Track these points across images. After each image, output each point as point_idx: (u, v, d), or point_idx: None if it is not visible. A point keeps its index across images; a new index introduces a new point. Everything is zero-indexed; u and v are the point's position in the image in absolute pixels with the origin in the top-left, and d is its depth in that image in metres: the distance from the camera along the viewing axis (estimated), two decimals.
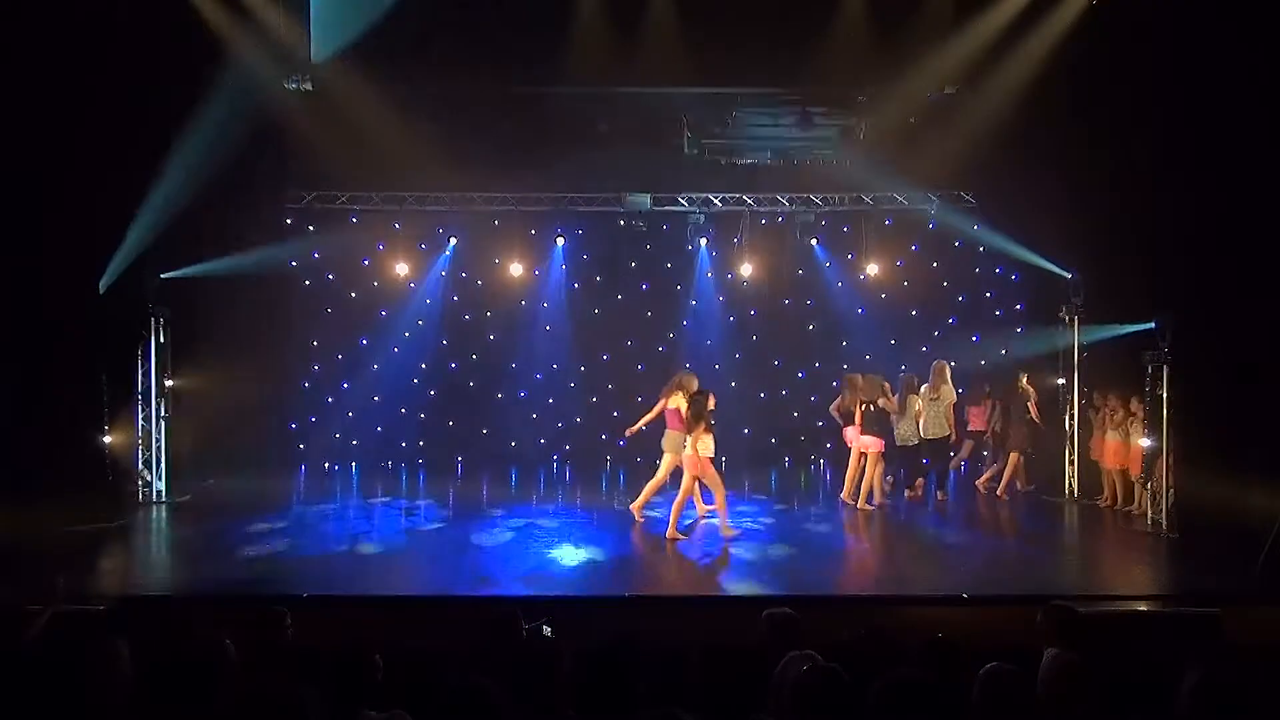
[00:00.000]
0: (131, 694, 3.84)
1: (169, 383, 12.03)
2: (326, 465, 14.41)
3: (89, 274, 10.59)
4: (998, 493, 12.36)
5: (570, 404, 15.10)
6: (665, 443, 10.55)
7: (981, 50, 11.28)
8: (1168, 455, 10.12)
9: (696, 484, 9.97)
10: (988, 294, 14.93)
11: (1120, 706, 4.06)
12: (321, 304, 14.68)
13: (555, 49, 11.18)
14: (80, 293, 10.45)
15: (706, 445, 9.66)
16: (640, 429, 11.00)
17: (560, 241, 14.90)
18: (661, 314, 15.19)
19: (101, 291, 10.69)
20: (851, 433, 11.72)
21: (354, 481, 13.72)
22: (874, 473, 11.33)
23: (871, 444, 11.35)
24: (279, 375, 14.01)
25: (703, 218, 14.60)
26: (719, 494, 9.91)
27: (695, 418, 9.71)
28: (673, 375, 10.96)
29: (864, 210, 14.53)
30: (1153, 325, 10.38)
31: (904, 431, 11.85)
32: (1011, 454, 12.33)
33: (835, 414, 12.25)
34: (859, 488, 11.47)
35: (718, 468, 9.95)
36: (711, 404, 9.97)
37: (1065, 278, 12.49)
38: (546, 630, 5.15)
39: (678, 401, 10.36)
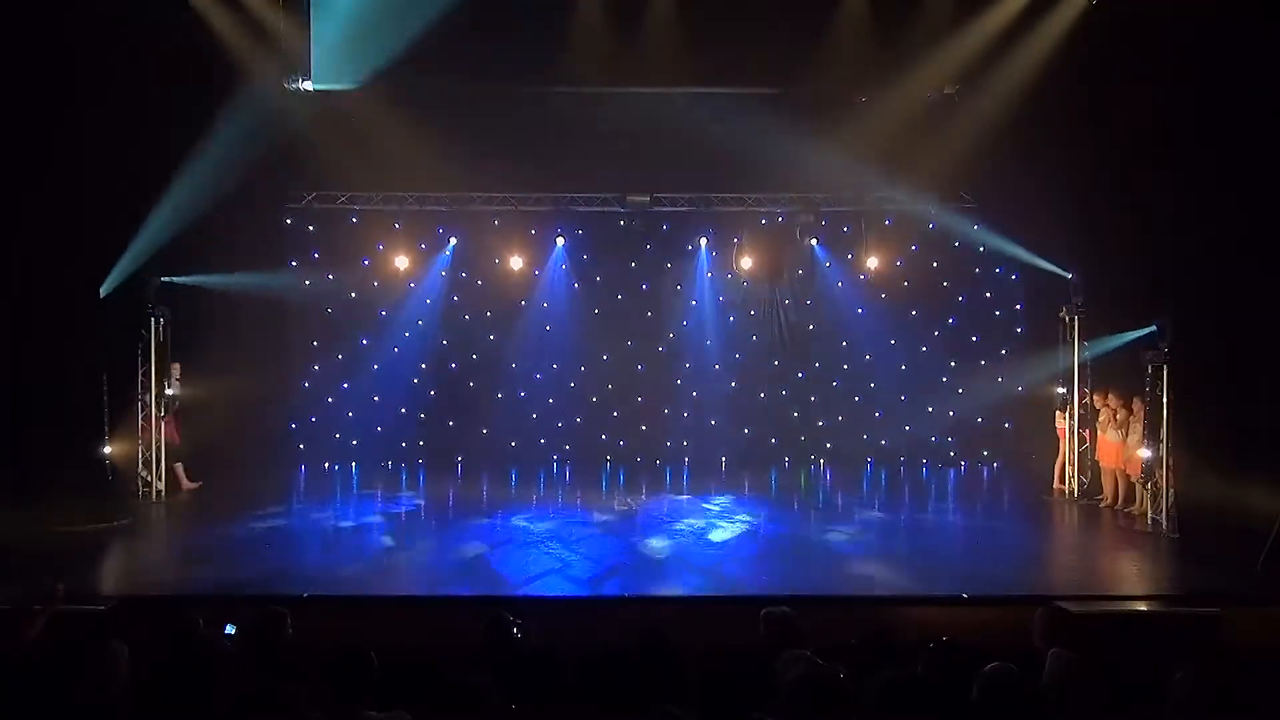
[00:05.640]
0: (131, 694, 3.84)
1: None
2: (326, 465, 14.42)
3: (90, 276, 10.59)
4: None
5: (570, 404, 15.10)
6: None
7: (981, 50, 11.28)
8: (1168, 455, 10.12)
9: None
10: (987, 294, 14.94)
11: (1120, 706, 4.06)
12: (321, 304, 14.68)
13: (556, 49, 11.19)
14: (81, 294, 10.46)
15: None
16: None
17: (560, 241, 14.90)
18: (661, 314, 15.19)
19: (102, 295, 10.70)
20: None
21: (354, 481, 13.72)
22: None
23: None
24: (279, 375, 14.02)
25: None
26: None
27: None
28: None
29: (864, 210, 14.54)
30: (1153, 328, 10.38)
31: None
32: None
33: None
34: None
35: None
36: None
37: (1065, 278, 12.49)
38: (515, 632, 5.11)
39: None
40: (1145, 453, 10.62)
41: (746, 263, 14.78)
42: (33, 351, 9.96)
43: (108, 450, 11.04)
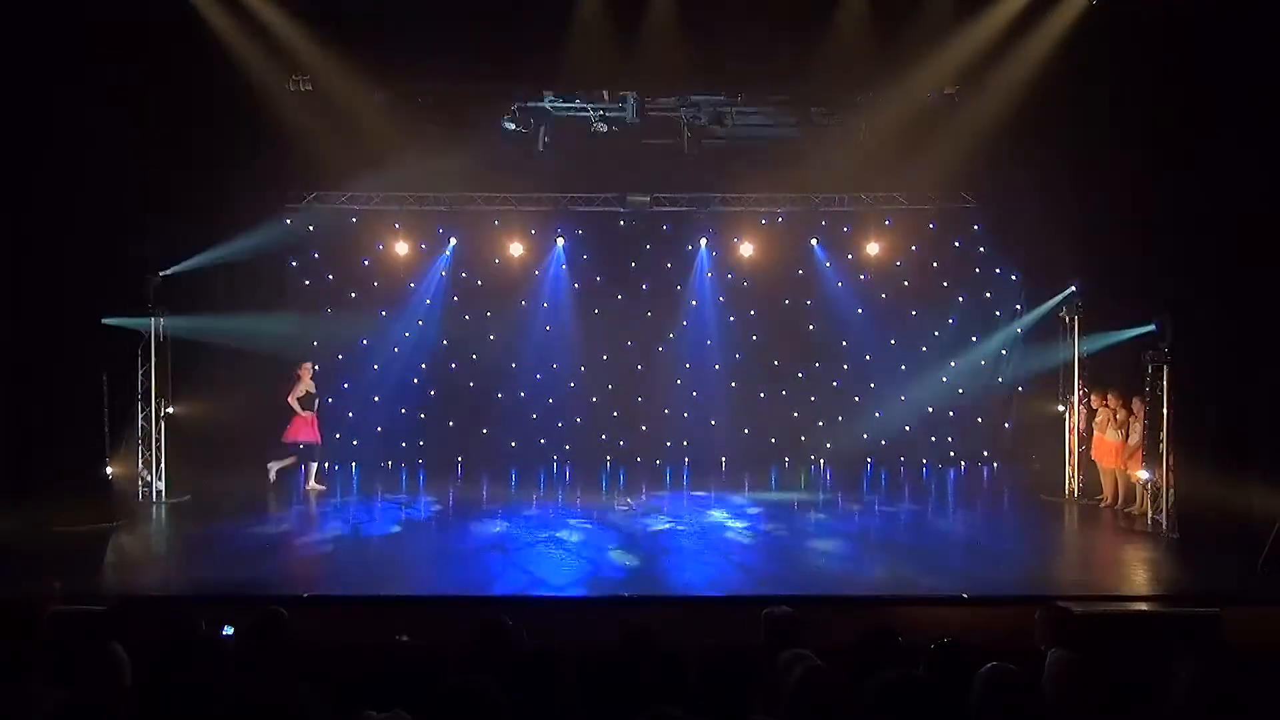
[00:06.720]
0: (131, 694, 3.84)
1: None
2: (326, 465, 14.39)
3: (89, 272, 10.59)
4: None
5: (570, 404, 15.10)
6: None
7: (981, 50, 11.27)
8: (1168, 455, 10.13)
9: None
10: (987, 294, 14.94)
11: (1120, 706, 4.06)
12: (321, 305, 14.67)
13: (555, 49, 11.18)
14: (81, 293, 10.46)
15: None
16: None
17: (560, 241, 14.91)
18: (661, 314, 15.19)
19: (105, 323, 10.76)
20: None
21: (354, 481, 13.71)
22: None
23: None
24: (279, 375, 13.98)
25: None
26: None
27: None
28: None
29: (864, 210, 14.54)
30: (1153, 327, 10.39)
31: None
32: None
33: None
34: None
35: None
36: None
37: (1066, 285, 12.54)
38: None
39: None
40: (1144, 474, 10.67)
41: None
42: (32, 350, 9.96)
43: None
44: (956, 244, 14.82)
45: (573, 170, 13.70)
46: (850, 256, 14.99)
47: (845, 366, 15.21)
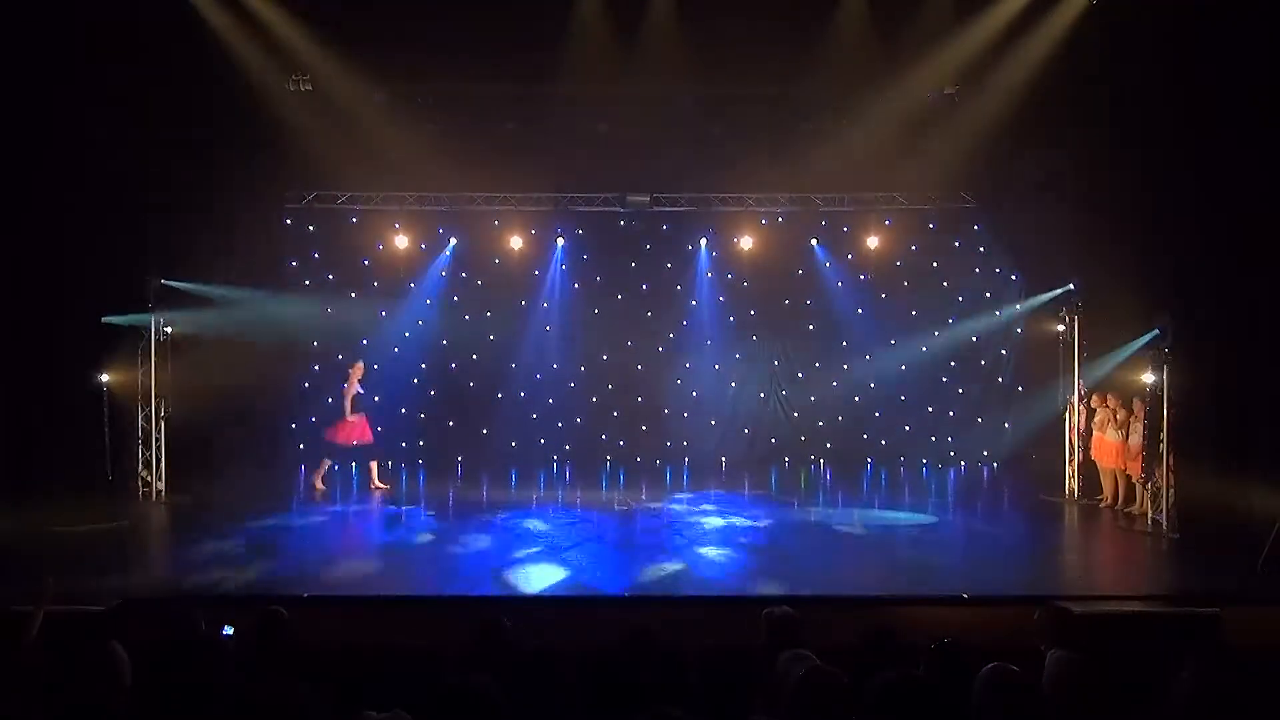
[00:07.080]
0: (130, 695, 3.84)
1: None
2: (327, 465, 14.38)
3: (89, 272, 10.58)
4: None
5: (570, 404, 15.10)
6: None
7: (981, 50, 11.27)
8: (1168, 455, 10.12)
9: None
10: (987, 294, 14.94)
11: (1121, 706, 4.06)
12: (322, 305, 14.66)
13: (555, 49, 11.18)
14: (82, 295, 10.46)
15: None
16: None
17: (560, 241, 14.91)
18: (661, 314, 15.19)
19: (105, 323, 10.76)
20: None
21: (354, 481, 13.71)
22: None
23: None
24: (278, 375, 14.00)
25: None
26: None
27: None
28: None
29: (864, 210, 14.54)
30: (1156, 331, 10.38)
31: None
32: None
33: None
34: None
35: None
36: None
37: (1065, 285, 12.54)
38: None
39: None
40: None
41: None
42: (32, 350, 9.96)
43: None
44: (956, 244, 14.83)
45: (573, 170, 13.69)
46: (850, 256, 14.99)
47: (845, 366, 15.22)
